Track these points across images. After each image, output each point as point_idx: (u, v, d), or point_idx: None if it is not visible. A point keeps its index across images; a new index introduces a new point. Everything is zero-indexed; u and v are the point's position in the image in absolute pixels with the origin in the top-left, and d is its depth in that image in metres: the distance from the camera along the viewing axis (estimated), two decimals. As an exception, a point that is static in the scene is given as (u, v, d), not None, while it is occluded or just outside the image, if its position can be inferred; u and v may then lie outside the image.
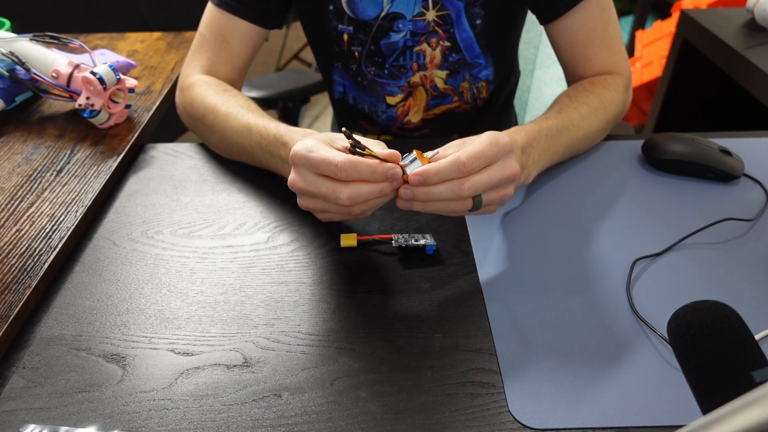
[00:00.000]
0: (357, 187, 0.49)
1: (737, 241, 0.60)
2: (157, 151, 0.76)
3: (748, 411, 0.21)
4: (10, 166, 0.70)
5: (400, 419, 0.43)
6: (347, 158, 0.48)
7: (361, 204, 0.51)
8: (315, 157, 0.49)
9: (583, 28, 0.73)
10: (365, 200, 0.50)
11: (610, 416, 0.43)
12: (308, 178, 0.51)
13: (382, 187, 0.50)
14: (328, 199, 0.50)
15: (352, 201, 0.49)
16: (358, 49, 0.81)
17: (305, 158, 0.50)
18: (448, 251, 0.59)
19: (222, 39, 0.77)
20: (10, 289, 0.52)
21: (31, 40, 0.79)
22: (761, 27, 1.26)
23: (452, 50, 0.80)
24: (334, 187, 0.49)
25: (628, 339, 0.49)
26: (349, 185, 0.49)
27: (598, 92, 0.71)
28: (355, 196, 0.49)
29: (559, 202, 0.65)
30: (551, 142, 0.64)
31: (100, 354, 0.49)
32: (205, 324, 0.51)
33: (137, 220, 0.64)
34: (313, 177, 0.50)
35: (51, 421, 0.43)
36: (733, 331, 0.35)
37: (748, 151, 0.71)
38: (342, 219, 0.55)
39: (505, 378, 0.46)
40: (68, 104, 0.82)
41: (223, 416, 0.44)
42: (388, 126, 0.89)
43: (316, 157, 0.49)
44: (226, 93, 0.72)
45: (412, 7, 0.76)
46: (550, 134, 0.64)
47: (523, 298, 0.53)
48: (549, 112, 0.68)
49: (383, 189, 0.50)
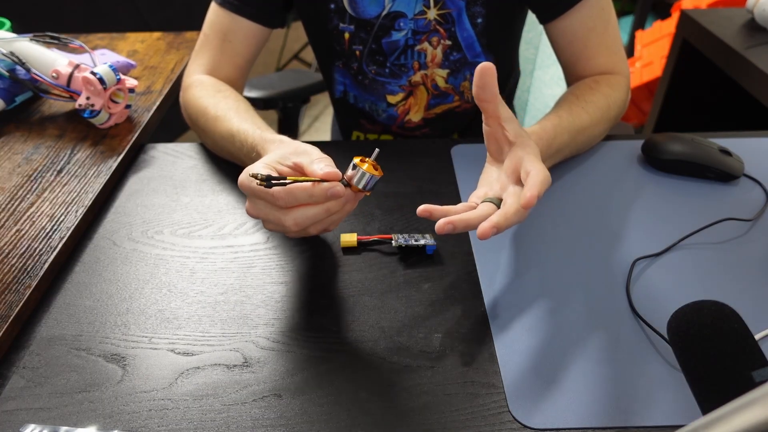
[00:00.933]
0: (301, 212, 0.50)
1: (737, 241, 0.60)
2: (157, 151, 0.76)
3: (748, 411, 0.21)
4: (10, 166, 0.70)
5: (400, 419, 0.43)
6: (283, 187, 0.49)
7: (316, 224, 0.51)
8: (255, 187, 0.50)
9: (582, 27, 0.73)
10: (314, 222, 0.50)
11: (610, 416, 0.43)
12: (257, 205, 0.52)
13: (328, 207, 0.50)
14: (278, 227, 0.51)
15: (299, 226, 0.50)
16: (359, 47, 0.81)
17: (248, 188, 0.51)
18: (448, 251, 0.59)
19: (224, 38, 0.77)
20: (10, 289, 0.52)
21: (31, 40, 0.79)
22: (761, 27, 1.26)
23: (453, 49, 0.80)
24: (279, 215, 0.50)
25: (628, 339, 0.49)
26: (293, 211, 0.50)
27: (604, 92, 0.71)
28: (301, 220, 0.50)
29: (558, 202, 0.65)
30: (562, 146, 0.66)
31: (100, 354, 0.49)
32: (205, 324, 0.51)
33: (137, 220, 0.64)
34: (262, 204, 0.51)
35: (51, 421, 0.43)
36: (733, 331, 0.35)
37: (748, 151, 0.71)
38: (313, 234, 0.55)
39: (505, 378, 0.46)
40: (68, 104, 0.82)
41: (223, 416, 0.44)
42: (388, 125, 0.90)
43: (256, 188, 0.50)
44: (219, 94, 0.71)
45: (414, 6, 0.76)
46: (563, 138, 0.65)
47: (523, 298, 0.53)
48: (561, 112, 0.67)
49: (330, 208, 0.50)
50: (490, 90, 0.51)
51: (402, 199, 0.66)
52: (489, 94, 0.51)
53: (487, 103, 0.52)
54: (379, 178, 0.50)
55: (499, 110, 0.52)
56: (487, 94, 0.51)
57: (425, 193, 0.67)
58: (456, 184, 0.68)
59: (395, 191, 0.68)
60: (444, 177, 0.70)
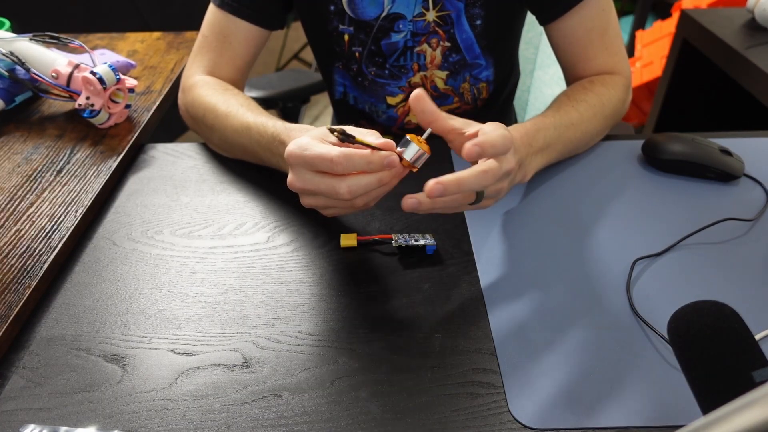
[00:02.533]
0: (356, 180, 0.49)
1: (737, 241, 0.60)
2: (157, 151, 0.76)
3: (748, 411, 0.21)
4: (10, 166, 0.70)
5: (400, 419, 0.43)
6: (342, 152, 0.48)
7: (363, 196, 0.51)
8: (309, 154, 0.49)
9: (582, 28, 0.73)
10: (366, 191, 0.50)
11: (610, 416, 0.43)
12: (305, 176, 0.50)
13: (381, 177, 0.50)
14: (329, 196, 0.50)
15: (352, 194, 0.49)
16: (358, 49, 0.81)
17: (300, 157, 0.50)
18: (448, 251, 0.59)
19: (224, 40, 0.77)
20: (10, 289, 0.52)
21: (31, 40, 0.79)
22: (761, 27, 1.26)
23: (452, 51, 0.80)
24: (333, 183, 0.49)
25: (628, 339, 0.49)
26: (347, 179, 0.49)
27: (597, 90, 0.71)
28: (355, 188, 0.49)
29: (559, 202, 0.65)
30: (549, 141, 0.64)
31: (100, 354, 0.49)
32: (205, 324, 0.51)
33: (137, 220, 0.64)
34: (311, 175, 0.50)
35: (51, 421, 0.43)
36: (733, 331, 0.35)
37: (748, 151, 0.71)
38: (347, 213, 0.55)
39: (505, 378, 0.46)
40: (68, 104, 0.82)
41: (223, 416, 0.44)
42: (388, 126, 0.89)
43: (311, 155, 0.49)
44: (226, 92, 0.72)
45: (413, 8, 0.76)
46: (548, 133, 0.64)
47: (523, 298, 0.53)
48: (548, 111, 0.68)
49: (382, 178, 0.50)
50: (430, 111, 0.52)
51: (402, 199, 0.66)
52: (431, 115, 0.52)
53: (436, 123, 0.53)
54: (428, 156, 0.51)
55: (450, 123, 0.53)
56: (429, 116, 0.52)
57: (425, 193, 0.67)
58: (456, 184, 0.68)
59: (395, 191, 0.67)
60: (444, 177, 0.70)
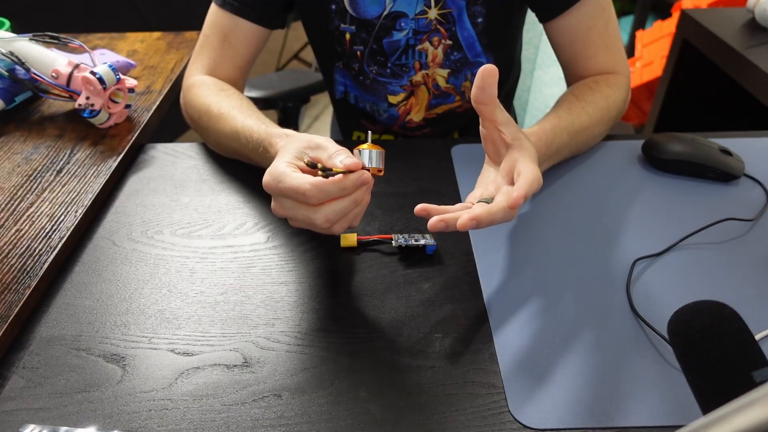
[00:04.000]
0: (331, 207, 0.50)
1: (737, 241, 0.60)
2: (157, 151, 0.76)
3: (748, 411, 0.21)
4: (10, 166, 0.70)
5: (400, 419, 0.43)
6: (314, 184, 0.48)
7: (342, 220, 0.51)
8: (283, 187, 0.49)
9: (582, 26, 0.73)
10: (343, 215, 0.50)
11: (610, 416, 0.43)
12: (285, 204, 0.51)
13: (355, 197, 0.50)
14: (307, 226, 0.51)
15: (329, 222, 0.50)
16: (360, 48, 0.81)
17: (275, 189, 0.50)
18: (448, 251, 0.59)
19: (225, 39, 0.77)
20: (10, 289, 0.52)
21: (31, 40, 0.79)
22: (761, 27, 1.26)
23: (454, 49, 0.80)
24: (308, 213, 0.50)
25: (628, 339, 0.49)
26: (322, 208, 0.50)
27: (604, 91, 0.71)
28: (331, 216, 0.50)
29: (559, 202, 0.65)
30: (561, 146, 0.66)
31: (100, 354, 0.49)
32: (205, 324, 0.51)
33: (137, 220, 0.64)
34: (290, 203, 0.51)
35: (51, 421, 0.43)
36: (733, 332, 0.35)
37: (748, 151, 0.71)
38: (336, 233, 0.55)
39: (505, 378, 0.46)
40: (68, 104, 0.82)
41: (223, 416, 0.44)
42: (389, 125, 0.89)
43: (285, 188, 0.49)
44: (221, 93, 0.72)
45: (414, 6, 0.76)
46: (562, 138, 0.65)
47: (523, 298, 0.53)
48: (560, 112, 0.68)
49: (357, 198, 0.50)
50: (489, 92, 0.51)
51: (402, 199, 0.66)
52: (488, 96, 0.51)
53: (484, 106, 0.52)
54: (383, 151, 0.51)
55: (496, 114, 0.52)
56: (485, 97, 0.51)
57: (425, 193, 0.67)
58: (456, 183, 0.68)
59: (395, 191, 0.68)
60: (444, 177, 0.70)
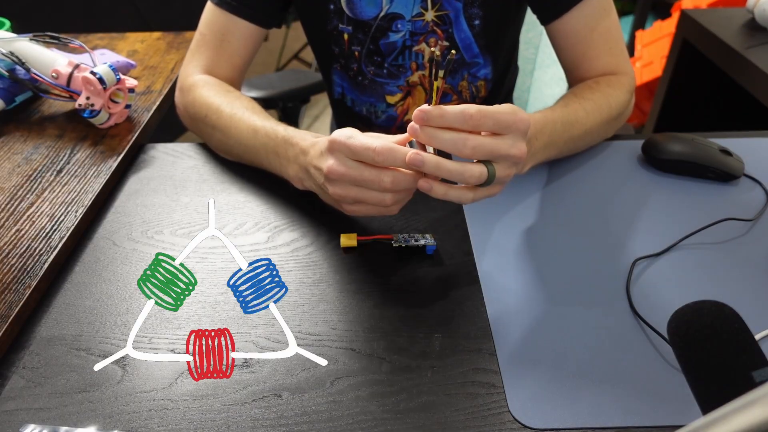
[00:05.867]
0: (398, 173, 0.50)
1: (737, 241, 0.60)
2: (157, 151, 0.76)
3: (748, 411, 0.21)
4: (10, 166, 0.70)
5: (400, 419, 0.43)
6: (385, 144, 0.49)
7: (398, 193, 0.51)
8: (354, 143, 0.50)
9: (585, 27, 0.73)
10: (404, 188, 0.51)
11: (610, 416, 0.43)
12: (348, 163, 0.51)
13: (416, 176, 0.50)
14: (371, 184, 0.50)
15: (394, 186, 0.50)
16: (357, 48, 0.81)
17: (344, 144, 0.50)
18: (448, 251, 0.59)
19: (222, 38, 0.77)
20: (10, 289, 0.52)
21: (31, 40, 0.79)
22: (761, 27, 1.26)
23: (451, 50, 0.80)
24: (378, 173, 0.50)
25: (628, 339, 0.49)
26: (391, 171, 0.50)
27: (604, 90, 0.71)
28: (398, 181, 0.50)
29: (559, 202, 0.65)
30: (554, 137, 0.64)
31: (100, 354, 0.48)
32: (205, 324, 0.51)
33: (137, 220, 0.64)
34: (353, 163, 0.51)
35: (51, 421, 0.43)
36: (733, 331, 0.35)
37: (748, 151, 0.71)
38: (370, 213, 0.55)
39: (505, 378, 0.46)
40: (68, 104, 0.82)
41: (223, 416, 0.44)
42: (388, 126, 0.89)
43: (355, 143, 0.49)
44: (230, 94, 0.72)
45: (411, 8, 0.76)
46: (555, 127, 0.64)
47: (523, 298, 0.53)
48: (556, 105, 0.68)
49: (416, 178, 0.50)
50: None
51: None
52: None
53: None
54: None
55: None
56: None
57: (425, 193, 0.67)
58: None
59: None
60: (444, 177, 0.70)
